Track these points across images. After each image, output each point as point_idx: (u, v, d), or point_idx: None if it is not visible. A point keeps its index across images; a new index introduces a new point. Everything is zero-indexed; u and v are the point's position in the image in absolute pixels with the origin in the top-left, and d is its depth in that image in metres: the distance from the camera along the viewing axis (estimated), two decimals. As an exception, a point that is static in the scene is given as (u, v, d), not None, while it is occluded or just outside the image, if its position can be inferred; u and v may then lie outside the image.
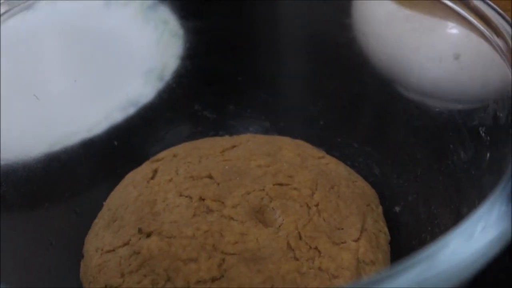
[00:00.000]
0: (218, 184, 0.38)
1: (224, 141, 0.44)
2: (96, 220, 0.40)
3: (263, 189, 0.37)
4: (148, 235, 0.35)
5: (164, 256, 0.33)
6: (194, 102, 0.48)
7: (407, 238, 0.37)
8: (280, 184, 0.37)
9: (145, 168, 0.42)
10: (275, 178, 0.38)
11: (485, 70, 0.36)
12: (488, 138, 0.30)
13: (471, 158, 0.32)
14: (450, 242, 0.20)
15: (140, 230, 0.35)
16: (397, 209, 0.40)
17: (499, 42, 0.34)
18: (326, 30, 0.45)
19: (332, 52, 0.44)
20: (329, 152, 0.44)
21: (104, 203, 0.41)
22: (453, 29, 0.39)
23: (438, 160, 0.36)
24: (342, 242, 0.34)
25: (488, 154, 0.30)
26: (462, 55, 0.39)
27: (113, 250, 0.36)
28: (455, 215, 0.32)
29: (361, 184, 0.40)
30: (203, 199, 0.36)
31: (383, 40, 0.42)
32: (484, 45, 0.36)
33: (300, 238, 0.34)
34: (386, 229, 0.38)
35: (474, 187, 0.31)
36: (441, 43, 0.39)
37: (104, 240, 0.37)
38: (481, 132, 0.31)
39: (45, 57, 0.42)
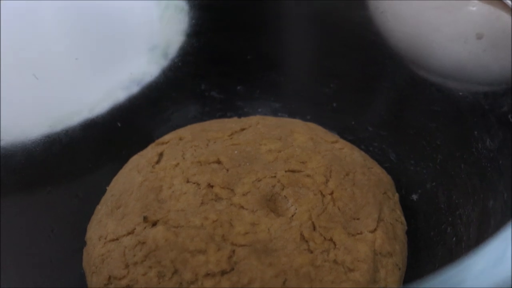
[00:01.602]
0: (227, 170, 0.36)
1: (233, 123, 0.42)
2: (99, 206, 0.38)
3: (275, 176, 0.35)
4: (154, 224, 0.33)
5: (171, 247, 0.31)
6: (200, 82, 0.46)
7: (425, 228, 0.35)
8: (293, 171, 0.36)
9: (150, 152, 0.40)
10: (287, 164, 0.36)
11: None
12: (519, 126, 0.28)
13: (499, 146, 0.30)
14: (456, 275, 0.18)
15: (145, 219, 0.33)
16: (414, 197, 0.38)
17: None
18: (341, 7, 0.42)
19: (347, 31, 0.42)
20: (342, 135, 0.42)
21: (107, 187, 0.39)
22: (477, 6, 0.36)
23: (460, 147, 0.34)
24: (358, 233, 0.33)
25: (519, 144, 0.28)
26: (486, 34, 0.36)
27: (117, 239, 0.34)
28: (480, 207, 0.30)
29: (377, 170, 0.38)
30: (212, 186, 0.34)
31: (403, 18, 0.39)
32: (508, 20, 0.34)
33: (314, 228, 0.32)
34: (403, 218, 0.36)
35: (502, 178, 0.29)
36: (465, 21, 0.37)
37: (108, 228, 0.35)
38: (511, 119, 0.29)
39: (44, 34, 0.40)
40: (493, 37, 0.36)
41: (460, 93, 0.35)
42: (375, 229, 0.33)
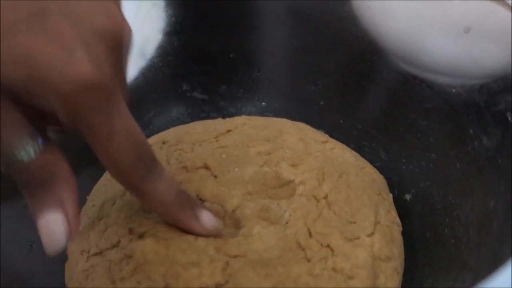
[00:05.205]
0: (216, 176, 0.34)
1: (218, 124, 0.40)
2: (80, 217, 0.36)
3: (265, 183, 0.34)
4: (141, 236, 0.31)
5: (161, 261, 0.29)
6: (182, 82, 0.44)
7: (420, 229, 0.35)
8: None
9: (132, 157, 0.38)
10: (277, 168, 0.35)
11: (504, 43, 0.34)
12: (520, 124, 0.28)
13: (497, 145, 0.29)
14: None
15: (131, 231, 0.32)
16: (407, 196, 0.37)
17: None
18: (325, 2, 0.41)
19: (333, 27, 0.40)
20: (331, 134, 0.41)
21: (87, 197, 0.37)
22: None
23: (455, 146, 0.33)
24: (356, 238, 0.31)
25: (520, 143, 0.27)
26: (474, 27, 0.36)
27: (101, 253, 0.32)
28: (480, 208, 0.29)
29: (370, 170, 0.37)
30: (200, 199, 0.33)
31: (391, 13, 0.38)
32: (501, 12, 0.33)
33: (310, 235, 0.31)
34: (398, 219, 0.35)
35: (503, 178, 0.28)
36: (456, 14, 0.36)
37: (90, 241, 0.33)
38: (509, 117, 0.29)
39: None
40: (482, 30, 0.35)
41: (454, 90, 0.34)
42: (373, 233, 0.32)
